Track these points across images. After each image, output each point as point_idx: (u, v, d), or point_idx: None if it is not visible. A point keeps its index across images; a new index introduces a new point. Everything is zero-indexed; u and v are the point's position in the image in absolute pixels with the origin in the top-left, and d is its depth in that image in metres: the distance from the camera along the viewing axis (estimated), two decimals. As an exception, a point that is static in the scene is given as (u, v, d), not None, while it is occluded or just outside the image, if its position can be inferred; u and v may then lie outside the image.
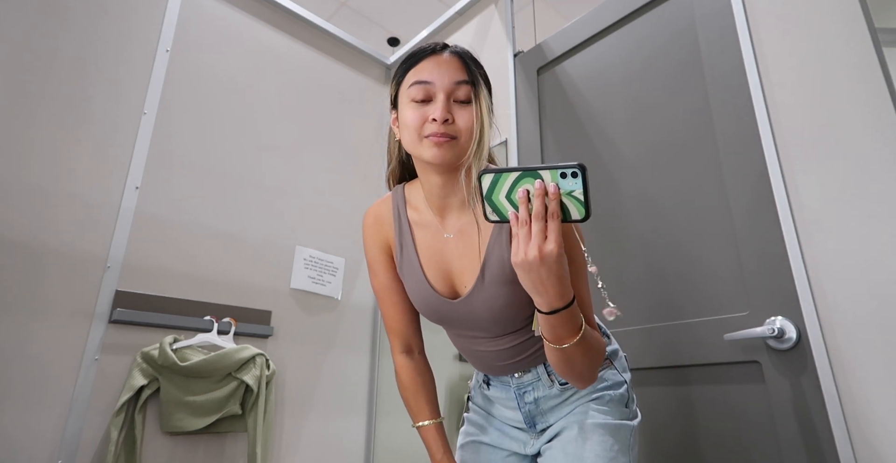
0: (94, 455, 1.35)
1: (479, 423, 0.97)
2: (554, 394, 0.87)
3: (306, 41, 2.21)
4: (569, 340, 0.69)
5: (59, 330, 1.36)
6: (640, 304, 1.36)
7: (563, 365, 0.73)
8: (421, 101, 0.79)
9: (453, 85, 0.79)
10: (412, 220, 0.90)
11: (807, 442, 1.02)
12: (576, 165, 0.61)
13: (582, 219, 0.62)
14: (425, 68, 0.81)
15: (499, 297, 0.81)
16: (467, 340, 0.91)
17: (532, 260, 0.61)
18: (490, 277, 0.81)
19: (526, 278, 0.64)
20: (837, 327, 1.01)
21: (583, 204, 0.62)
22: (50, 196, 1.41)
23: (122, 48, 1.64)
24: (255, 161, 1.90)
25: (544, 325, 0.69)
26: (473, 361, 0.95)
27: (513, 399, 0.90)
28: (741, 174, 1.22)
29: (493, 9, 2.11)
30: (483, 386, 0.96)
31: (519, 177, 0.63)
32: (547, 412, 0.89)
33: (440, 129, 0.77)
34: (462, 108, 0.80)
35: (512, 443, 0.93)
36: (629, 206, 1.45)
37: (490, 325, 0.85)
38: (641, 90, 1.50)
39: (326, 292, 1.96)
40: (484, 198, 0.66)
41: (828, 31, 1.14)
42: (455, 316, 0.86)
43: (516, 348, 0.87)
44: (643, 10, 1.55)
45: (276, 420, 1.71)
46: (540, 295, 0.65)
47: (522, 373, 0.89)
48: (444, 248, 0.86)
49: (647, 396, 1.29)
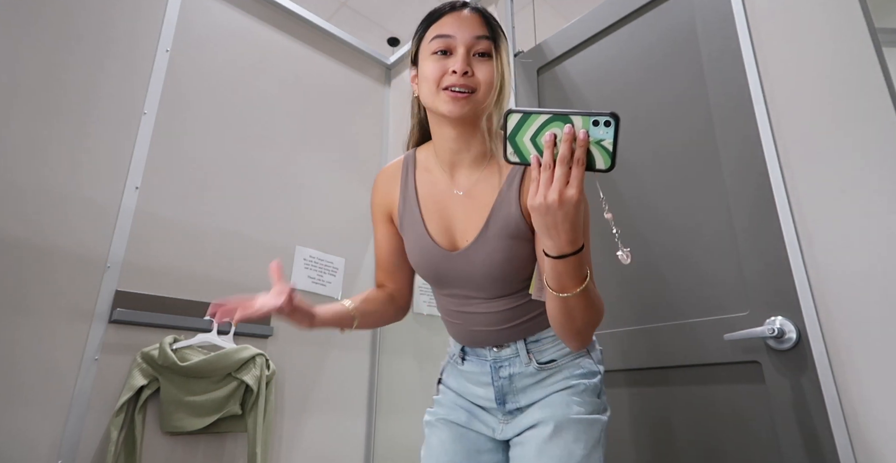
0: (94, 455, 1.35)
1: (448, 404, 0.95)
2: (530, 372, 0.87)
3: (306, 41, 2.21)
4: (573, 288, 0.69)
5: (59, 330, 1.36)
6: (640, 304, 1.36)
7: (564, 317, 0.73)
8: (441, 52, 0.81)
9: (474, 39, 0.81)
10: (419, 179, 0.91)
11: (807, 442, 1.02)
12: (610, 114, 0.60)
13: (607, 169, 0.61)
14: (446, 23, 0.82)
15: (500, 250, 0.82)
16: (459, 300, 0.90)
17: (551, 203, 0.61)
18: (493, 230, 0.82)
19: (541, 221, 0.63)
20: (837, 327, 1.01)
21: (609, 154, 0.61)
22: (50, 196, 1.41)
23: (122, 48, 1.64)
24: (255, 161, 1.90)
25: (550, 272, 0.69)
26: (458, 328, 0.93)
27: (487, 374, 0.89)
28: (741, 174, 1.22)
29: (492, 9, 2.11)
30: (458, 361, 0.95)
31: (548, 120, 0.61)
32: (519, 392, 0.88)
33: (460, 81, 0.78)
34: (482, 61, 0.81)
35: (482, 426, 0.91)
36: (629, 206, 1.45)
37: (486, 282, 0.85)
38: (641, 90, 1.50)
39: (326, 292, 1.96)
40: (507, 137, 0.63)
41: (828, 31, 1.14)
42: (452, 271, 0.86)
43: (507, 313, 0.87)
44: (643, 10, 1.55)
45: (276, 420, 1.71)
46: (552, 238, 0.64)
47: (501, 347, 0.89)
48: (450, 204, 0.87)
49: (648, 396, 1.29)
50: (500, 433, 0.89)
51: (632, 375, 1.34)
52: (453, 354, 0.97)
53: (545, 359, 0.88)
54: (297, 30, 2.18)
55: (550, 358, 0.88)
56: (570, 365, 0.88)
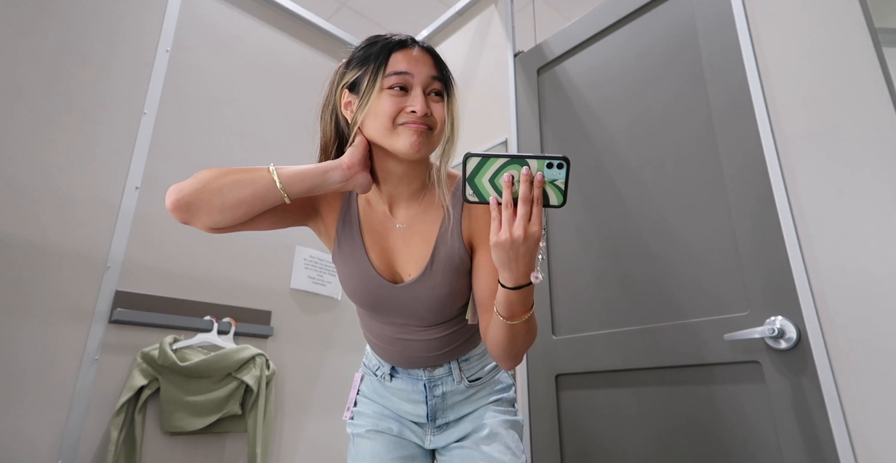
0: (94, 455, 1.35)
1: (373, 415, 0.96)
2: (460, 389, 0.93)
3: (306, 41, 2.21)
4: (521, 316, 0.73)
5: (59, 330, 1.36)
6: (640, 304, 1.36)
7: (507, 342, 0.76)
8: (400, 88, 0.78)
9: (429, 79, 0.80)
10: (360, 208, 0.89)
11: (807, 442, 1.02)
12: (562, 157, 0.65)
13: (559, 205, 0.68)
14: (401, 60, 0.79)
15: (444, 284, 0.84)
16: (396, 327, 0.90)
17: (516, 238, 0.65)
18: (438, 265, 0.84)
19: (503, 256, 0.67)
20: (837, 327, 1.01)
21: (562, 192, 0.67)
22: (50, 196, 1.41)
23: (122, 48, 1.64)
24: (255, 161, 1.90)
25: (503, 301, 0.72)
26: (390, 352, 0.94)
27: (420, 392, 0.92)
28: (741, 174, 1.22)
29: (493, 9, 2.11)
30: (384, 378, 0.96)
31: (506, 163, 0.66)
32: (449, 408, 0.93)
33: (419, 121, 0.77)
34: (435, 101, 0.80)
35: (412, 435, 0.94)
36: (629, 206, 1.45)
37: (427, 313, 0.87)
38: (641, 90, 1.50)
39: (326, 292, 1.96)
40: (466, 179, 0.67)
41: (828, 31, 1.14)
42: (394, 302, 0.86)
43: (443, 339, 0.90)
44: (643, 10, 1.55)
45: (276, 420, 1.71)
46: (511, 271, 0.69)
47: (434, 367, 0.93)
48: (391, 236, 0.87)
49: (648, 396, 1.29)
50: (429, 443, 0.94)
51: (632, 374, 1.34)
52: (377, 370, 0.98)
53: (474, 376, 0.94)
54: (297, 30, 2.18)
55: (477, 376, 0.94)
56: (492, 381, 0.96)
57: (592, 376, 1.42)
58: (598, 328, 1.43)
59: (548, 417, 1.48)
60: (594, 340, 1.43)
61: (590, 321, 1.46)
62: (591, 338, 1.44)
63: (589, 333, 1.45)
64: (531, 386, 1.55)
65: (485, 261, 0.83)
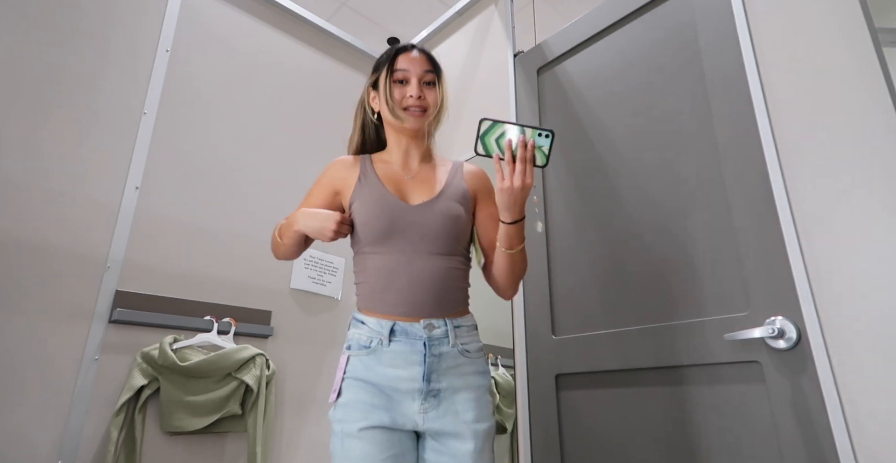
0: (94, 455, 1.35)
1: (362, 407, 0.96)
2: (454, 354, 1.01)
3: (306, 41, 2.21)
4: (518, 245, 1.01)
5: (59, 330, 1.36)
6: (640, 304, 1.36)
7: (508, 270, 1.04)
8: (400, 82, 1.10)
9: (423, 72, 1.10)
10: (377, 167, 1.14)
11: (807, 442, 1.02)
12: (550, 130, 0.92)
13: (543, 166, 0.94)
14: (403, 61, 1.11)
15: (451, 208, 1.08)
16: (405, 256, 1.03)
17: (516, 186, 0.91)
18: (447, 194, 1.10)
19: (506, 199, 0.93)
20: (837, 327, 1.01)
21: (545, 156, 0.93)
22: (50, 196, 1.41)
23: (122, 48, 1.64)
24: (255, 161, 1.90)
25: (504, 235, 0.99)
26: (395, 292, 1.02)
27: (419, 353, 0.98)
28: (741, 174, 1.22)
29: (493, 9, 2.11)
30: (382, 343, 1.00)
31: (509, 128, 0.92)
32: (442, 373, 1.00)
33: (416, 103, 1.08)
34: (429, 89, 1.11)
35: (405, 419, 0.96)
36: (629, 205, 1.45)
37: (440, 231, 1.05)
38: (641, 90, 1.50)
39: (326, 292, 1.96)
40: (479, 136, 0.92)
41: (828, 31, 1.14)
42: (407, 221, 1.05)
43: (445, 271, 1.04)
44: (643, 10, 1.55)
45: (276, 420, 1.71)
46: (510, 210, 0.95)
47: (433, 328, 1.01)
48: (403, 181, 1.13)
49: (648, 396, 1.29)
50: (422, 424, 0.97)
51: (632, 374, 1.34)
52: (371, 342, 1.01)
53: (464, 347, 1.04)
54: (297, 30, 2.18)
55: (467, 349, 1.04)
56: (478, 360, 1.06)
57: (592, 376, 1.42)
58: (598, 328, 1.43)
59: (548, 417, 1.48)
60: (594, 340, 1.43)
61: (590, 321, 1.46)
62: (591, 338, 1.44)
63: (589, 333, 1.45)
64: (531, 386, 1.55)
65: (486, 215, 1.12)
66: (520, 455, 1.52)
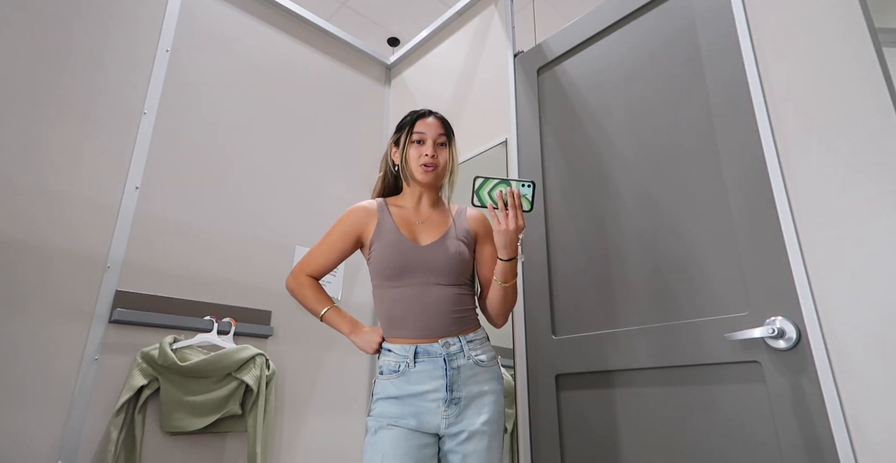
0: (94, 455, 1.35)
1: (393, 415, 1.13)
2: (469, 365, 1.17)
3: (306, 41, 2.21)
4: (512, 280, 1.19)
5: (59, 330, 1.36)
6: (640, 304, 1.36)
7: (501, 300, 1.22)
8: (418, 142, 1.29)
9: (437, 135, 1.30)
10: (394, 213, 1.31)
11: (807, 442, 1.02)
12: (530, 181, 1.13)
13: (528, 210, 1.13)
14: (421, 125, 1.30)
15: (455, 246, 1.25)
16: (419, 288, 1.20)
17: (511, 228, 1.11)
18: (452, 234, 1.27)
19: (503, 239, 1.13)
20: (837, 327, 1.01)
21: (530, 202, 1.13)
22: (50, 196, 1.41)
23: (122, 48, 1.64)
24: (255, 161, 1.90)
25: (500, 270, 1.17)
26: (412, 321, 1.19)
27: (441, 368, 1.15)
28: (741, 174, 1.22)
29: (493, 9, 2.11)
30: (409, 366, 1.16)
31: (498, 182, 1.12)
32: (462, 382, 1.16)
33: (429, 161, 1.27)
34: (441, 149, 1.30)
35: (429, 424, 1.12)
36: (629, 205, 1.45)
37: (446, 266, 1.21)
38: (641, 90, 1.50)
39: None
40: (474, 191, 1.12)
41: (828, 31, 1.14)
42: (419, 258, 1.21)
43: (456, 298, 1.21)
44: (643, 10, 1.55)
45: (276, 420, 1.71)
46: (506, 249, 1.14)
47: (449, 345, 1.17)
48: (415, 225, 1.30)
49: (648, 396, 1.29)
50: (444, 429, 1.13)
51: (632, 374, 1.34)
52: (399, 366, 1.17)
53: (477, 358, 1.19)
54: (297, 30, 2.19)
55: (480, 359, 1.19)
56: (492, 369, 1.21)
57: (592, 376, 1.42)
58: (598, 328, 1.43)
59: (548, 417, 1.48)
60: (594, 340, 1.43)
61: (590, 321, 1.46)
62: (591, 338, 1.44)
63: (589, 333, 1.45)
64: (531, 386, 1.55)
65: (486, 254, 1.30)
66: (520, 455, 1.52)
